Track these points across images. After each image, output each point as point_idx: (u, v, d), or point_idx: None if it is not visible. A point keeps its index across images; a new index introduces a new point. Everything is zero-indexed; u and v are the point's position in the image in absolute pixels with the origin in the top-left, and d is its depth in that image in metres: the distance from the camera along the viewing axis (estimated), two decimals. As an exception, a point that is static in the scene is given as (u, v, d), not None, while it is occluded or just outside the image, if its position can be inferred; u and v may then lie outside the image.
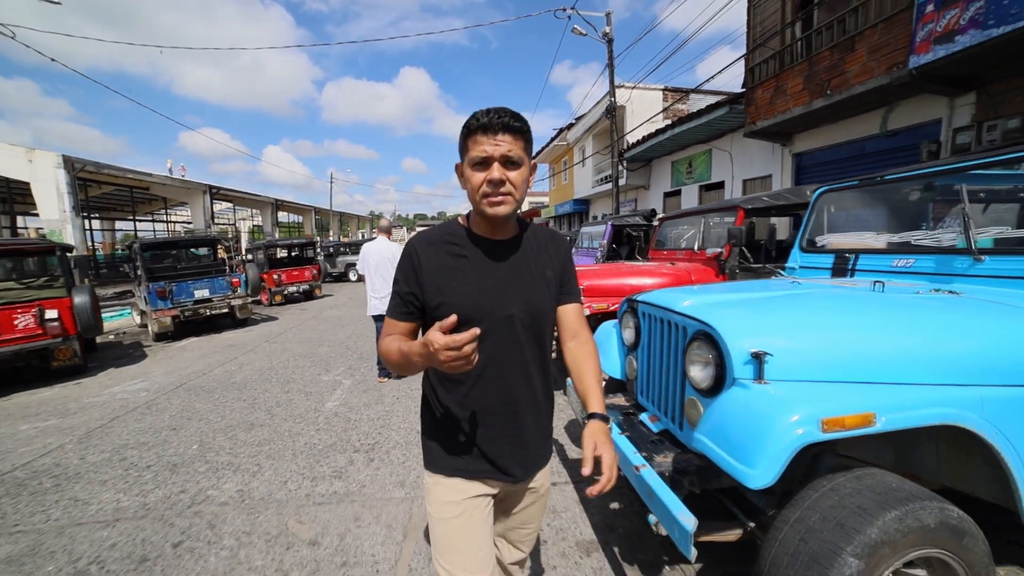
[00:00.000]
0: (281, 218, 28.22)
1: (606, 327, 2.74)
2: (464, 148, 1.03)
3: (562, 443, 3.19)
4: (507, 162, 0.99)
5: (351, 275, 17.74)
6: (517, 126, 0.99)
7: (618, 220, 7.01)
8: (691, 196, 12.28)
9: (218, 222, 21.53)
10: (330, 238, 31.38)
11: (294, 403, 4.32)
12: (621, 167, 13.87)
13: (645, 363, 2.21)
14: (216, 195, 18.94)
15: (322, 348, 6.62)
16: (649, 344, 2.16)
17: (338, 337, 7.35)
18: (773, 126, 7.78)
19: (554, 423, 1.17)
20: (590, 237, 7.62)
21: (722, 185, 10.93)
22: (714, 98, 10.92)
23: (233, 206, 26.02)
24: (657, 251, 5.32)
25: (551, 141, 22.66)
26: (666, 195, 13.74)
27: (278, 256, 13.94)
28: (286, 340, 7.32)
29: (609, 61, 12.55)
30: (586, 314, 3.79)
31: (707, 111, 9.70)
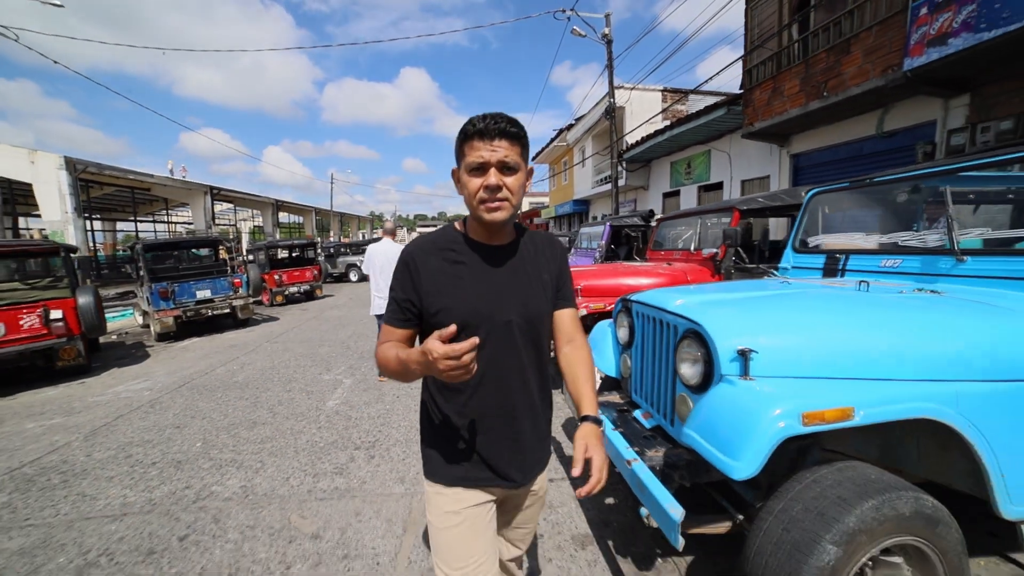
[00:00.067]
0: (282, 219, 28.29)
1: (602, 326, 2.80)
2: (461, 154, 1.02)
3: (560, 440, 3.25)
4: (504, 168, 0.99)
5: (352, 275, 17.81)
6: (514, 132, 0.99)
7: (616, 221, 7.07)
8: (690, 197, 12.32)
9: (219, 223, 21.61)
10: (331, 239, 31.46)
11: (296, 402, 4.38)
12: (620, 168, 13.92)
13: (639, 361, 2.26)
14: (217, 196, 19.02)
15: (323, 348, 6.68)
16: (642, 343, 2.21)
17: (339, 337, 7.41)
18: (771, 127, 7.83)
19: (552, 421, 1.20)
20: (589, 237, 7.67)
21: (721, 186, 10.98)
22: (713, 99, 10.96)
23: (234, 207, 26.11)
24: (655, 251, 5.38)
25: (551, 142, 22.65)
26: (665, 196, 13.79)
27: (279, 257, 14.00)
28: (287, 340, 7.38)
29: (608, 62, 12.60)
30: (583, 314, 3.85)
31: (705, 112, 9.75)
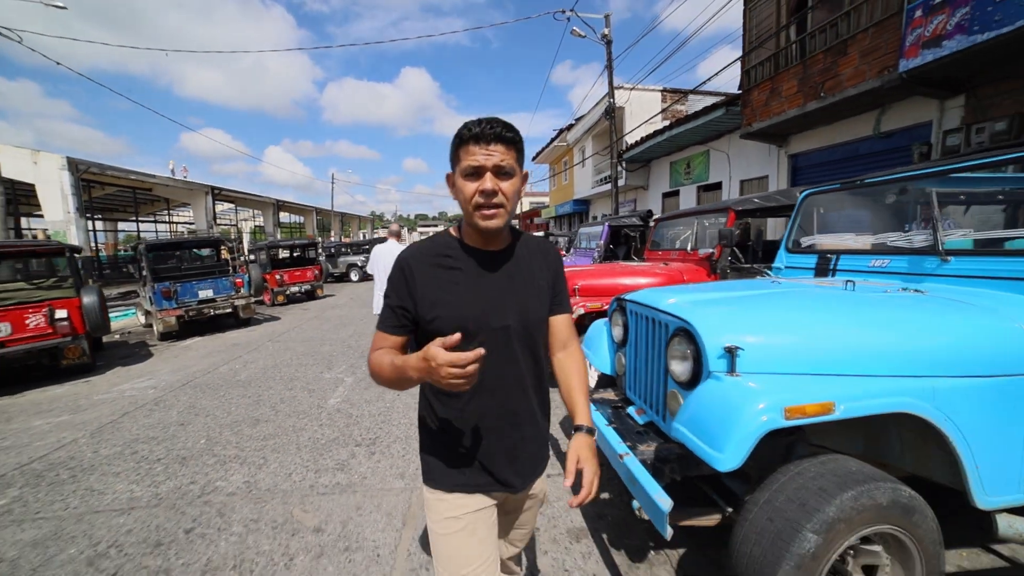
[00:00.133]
0: (283, 218, 28.37)
1: (597, 325, 2.86)
2: (456, 158, 1.01)
3: (556, 437, 3.31)
4: (500, 172, 0.98)
5: (352, 275, 17.89)
6: (510, 136, 0.98)
7: (615, 221, 7.12)
8: (689, 197, 12.37)
9: (220, 223, 21.69)
10: (331, 238, 31.54)
11: (297, 400, 4.44)
12: (620, 168, 13.97)
13: (633, 359, 2.32)
14: (218, 196, 19.13)
15: (324, 347, 6.75)
16: (636, 341, 2.27)
17: (340, 336, 7.47)
18: (769, 128, 7.88)
19: (551, 421, 1.22)
20: (588, 237, 7.72)
21: (720, 186, 11.03)
22: (713, 99, 11.01)
23: (235, 207, 26.21)
24: (652, 251, 5.43)
25: (551, 142, 22.73)
26: (665, 195, 13.83)
27: (280, 257, 14.09)
28: (289, 339, 7.45)
29: (608, 62, 12.65)
30: (580, 313, 3.91)
31: (704, 113, 9.81)
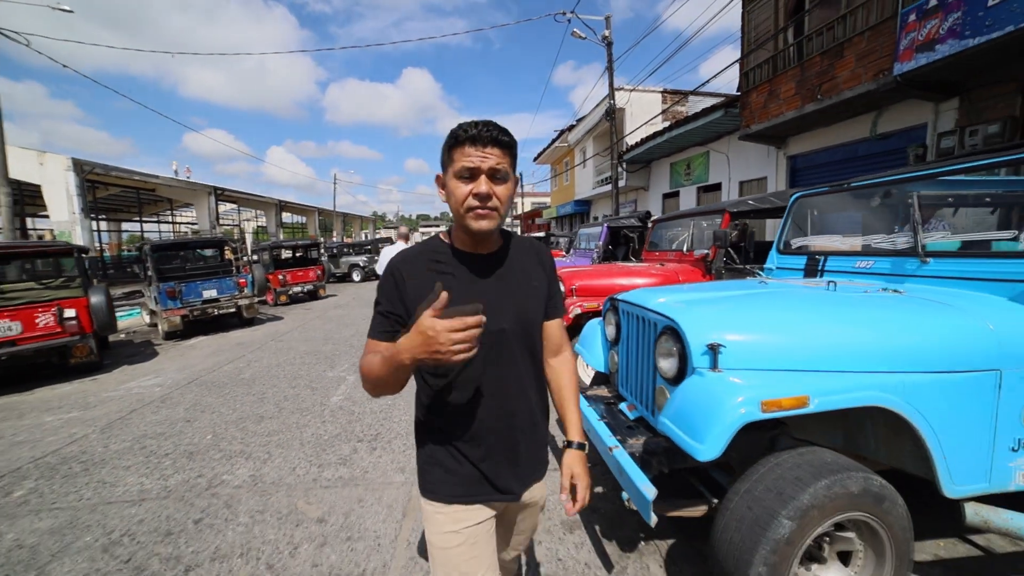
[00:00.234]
0: (285, 219, 28.50)
1: (592, 324, 2.94)
2: (449, 159, 0.99)
3: (553, 434, 3.39)
4: (494, 175, 0.97)
5: (354, 275, 18.01)
6: (506, 140, 0.97)
7: (614, 222, 7.20)
8: (689, 197, 12.44)
9: (223, 223, 21.86)
10: (333, 239, 31.67)
11: (301, 397, 4.54)
12: (621, 169, 14.05)
13: (624, 356, 2.40)
14: (221, 196, 19.24)
15: (327, 346, 6.84)
16: (627, 339, 2.35)
17: (342, 335, 7.57)
18: (767, 129, 7.95)
19: (548, 420, 1.25)
20: (587, 238, 7.81)
21: (719, 187, 11.10)
22: (713, 100, 11.08)
23: (237, 207, 26.37)
24: (650, 252, 5.51)
25: (552, 142, 22.83)
26: (665, 196, 13.90)
27: (283, 257, 14.20)
28: (292, 339, 7.55)
29: (609, 64, 12.73)
30: (577, 312, 4.00)
31: (703, 114, 9.88)
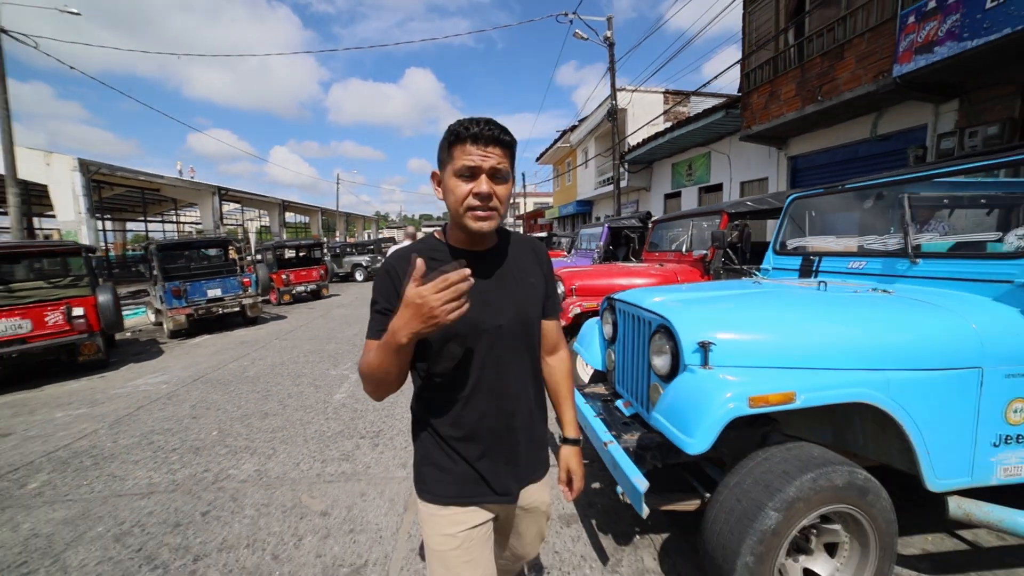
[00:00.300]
0: (288, 219, 28.64)
1: (590, 323, 3.00)
2: (449, 157, 0.97)
3: (552, 431, 3.45)
4: (495, 175, 0.96)
5: (357, 275, 18.11)
6: (507, 140, 0.96)
7: (614, 222, 7.25)
8: (691, 198, 12.46)
9: (226, 223, 22.00)
10: (336, 238, 31.80)
11: (305, 395, 4.61)
12: (622, 169, 14.09)
13: (621, 354, 2.46)
14: (225, 196, 19.38)
15: (330, 345, 6.92)
16: (624, 337, 2.41)
17: (345, 334, 7.64)
18: (768, 130, 7.97)
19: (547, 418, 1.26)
20: (588, 238, 7.86)
21: (721, 187, 11.12)
22: (715, 100, 11.11)
23: (241, 207, 26.50)
24: (650, 253, 5.56)
25: (555, 143, 22.88)
26: (667, 196, 13.93)
27: (286, 256, 14.31)
28: (295, 337, 7.63)
29: (610, 64, 12.77)
30: (577, 312, 4.05)
31: (704, 115, 9.91)
